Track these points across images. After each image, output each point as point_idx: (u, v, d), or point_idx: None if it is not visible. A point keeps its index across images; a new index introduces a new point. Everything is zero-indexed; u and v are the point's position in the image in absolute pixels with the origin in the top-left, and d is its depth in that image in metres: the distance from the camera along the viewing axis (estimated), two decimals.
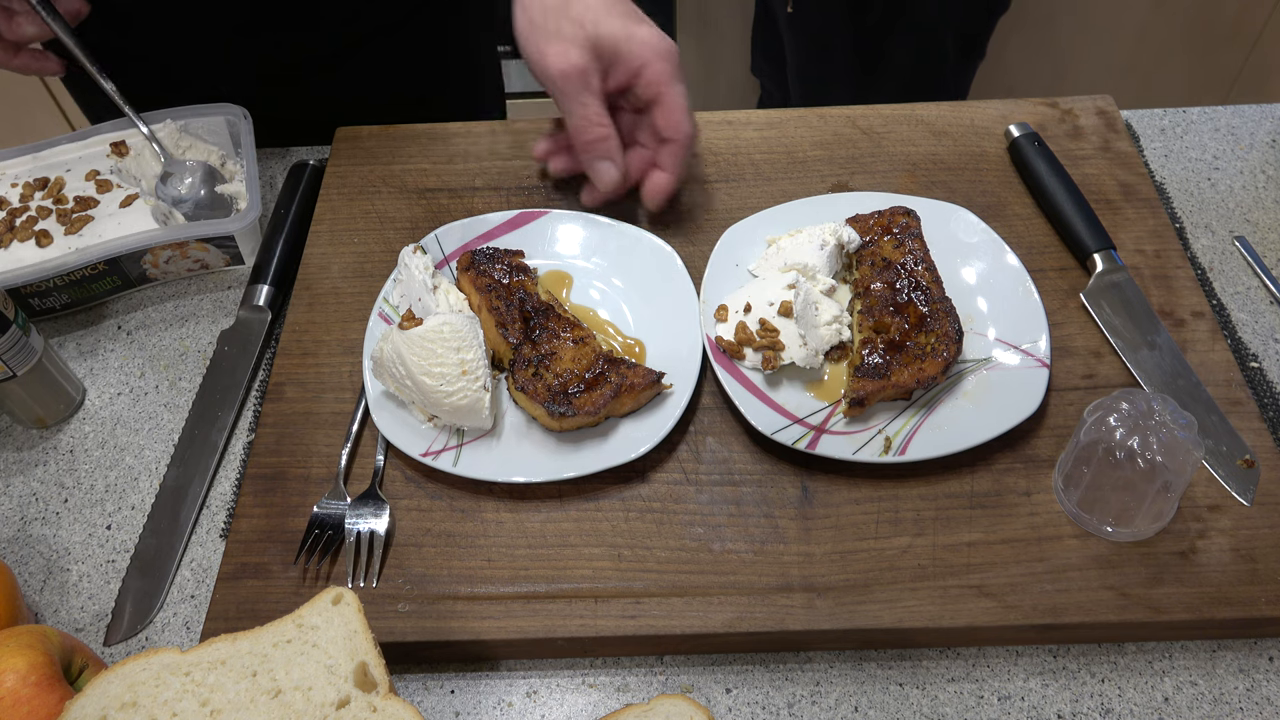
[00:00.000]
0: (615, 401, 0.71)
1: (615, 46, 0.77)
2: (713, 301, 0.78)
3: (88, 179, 0.90)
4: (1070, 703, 0.64)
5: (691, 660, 0.67)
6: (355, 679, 0.56)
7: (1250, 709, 0.63)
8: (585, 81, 0.77)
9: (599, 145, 0.80)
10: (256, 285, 0.85)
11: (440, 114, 0.99)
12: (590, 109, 0.78)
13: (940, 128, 0.93)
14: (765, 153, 0.92)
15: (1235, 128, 0.96)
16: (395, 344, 0.70)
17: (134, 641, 0.69)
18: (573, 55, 0.76)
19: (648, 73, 0.78)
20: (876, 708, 0.64)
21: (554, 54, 0.76)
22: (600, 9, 0.77)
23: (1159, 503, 0.65)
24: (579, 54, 0.76)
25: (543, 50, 0.76)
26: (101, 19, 0.90)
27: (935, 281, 0.76)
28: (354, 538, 0.69)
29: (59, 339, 0.86)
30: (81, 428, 0.80)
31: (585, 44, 0.76)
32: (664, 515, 0.70)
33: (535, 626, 0.65)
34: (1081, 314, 0.79)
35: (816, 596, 0.66)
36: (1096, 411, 0.66)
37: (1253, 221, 0.88)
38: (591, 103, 0.78)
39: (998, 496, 0.70)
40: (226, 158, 0.94)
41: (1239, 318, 0.81)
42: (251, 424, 0.80)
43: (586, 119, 0.78)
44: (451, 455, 0.71)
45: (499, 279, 0.78)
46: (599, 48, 0.77)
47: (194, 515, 0.74)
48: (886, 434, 0.71)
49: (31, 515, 0.76)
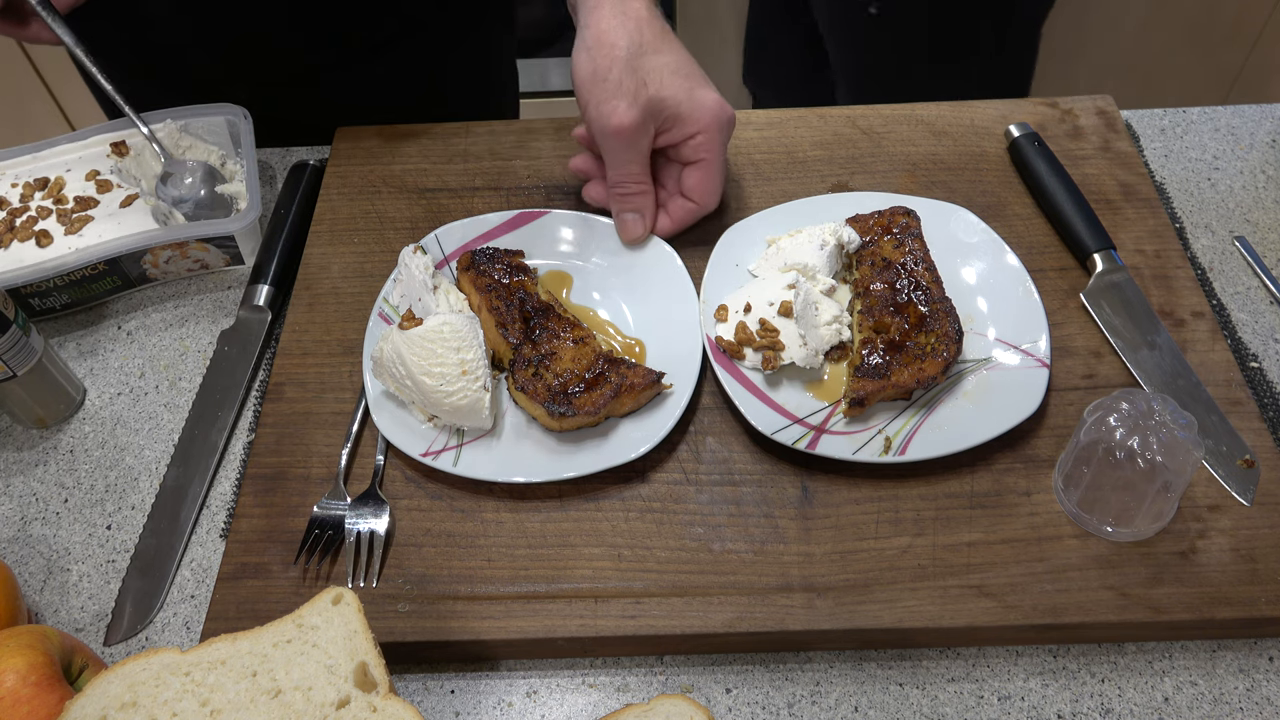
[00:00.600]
0: (615, 401, 0.71)
1: (677, 109, 0.77)
2: (713, 301, 0.78)
3: (88, 179, 0.90)
4: (1070, 703, 0.64)
5: (691, 660, 0.67)
6: (355, 679, 0.56)
7: (1250, 709, 0.63)
8: (635, 140, 0.77)
9: (633, 200, 0.81)
10: (256, 285, 0.85)
11: (458, 118, 0.98)
12: (634, 168, 0.79)
13: (940, 128, 0.93)
14: (765, 153, 0.92)
15: (1235, 128, 0.96)
16: (395, 344, 0.70)
17: (134, 641, 0.69)
18: (632, 114, 0.75)
19: (701, 138, 0.78)
20: (876, 708, 0.64)
21: (614, 112, 0.75)
22: (667, 70, 0.76)
23: (1159, 503, 0.65)
24: (637, 113, 0.76)
25: (602, 104, 0.76)
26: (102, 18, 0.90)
27: (935, 281, 0.76)
28: (354, 538, 0.69)
29: (59, 339, 0.86)
30: (81, 428, 0.80)
31: (646, 104, 0.76)
32: (664, 515, 0.70)
33: (535, 626, 0.65)
34: (1081, 314, 0.79)
35: (816, 596, 0.66)
36: (1096, 411, 0.66)
37: (1253, 221, 0.88)
38: (637, 161, 0.79)
39: (998, 496, 0.70)
40: (226, 158, 0.94)
41: (1239, 318, 0.81)
42: (251, 424, 0.80)
43: (630, 175, 0.80)
44: (451, 455, 0.71)
45: (499, 279, 0.78)
46: (659, 108, 0.77)
47: (194, 515, 0.74)
48: (886, 434, 0.71)
49: (31, 515, 0.76)
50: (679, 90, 0.77)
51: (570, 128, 0.94)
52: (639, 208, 0.81)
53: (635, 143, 0.77)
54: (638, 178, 0.80)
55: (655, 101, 0.76)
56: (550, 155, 0.93)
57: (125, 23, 0.94)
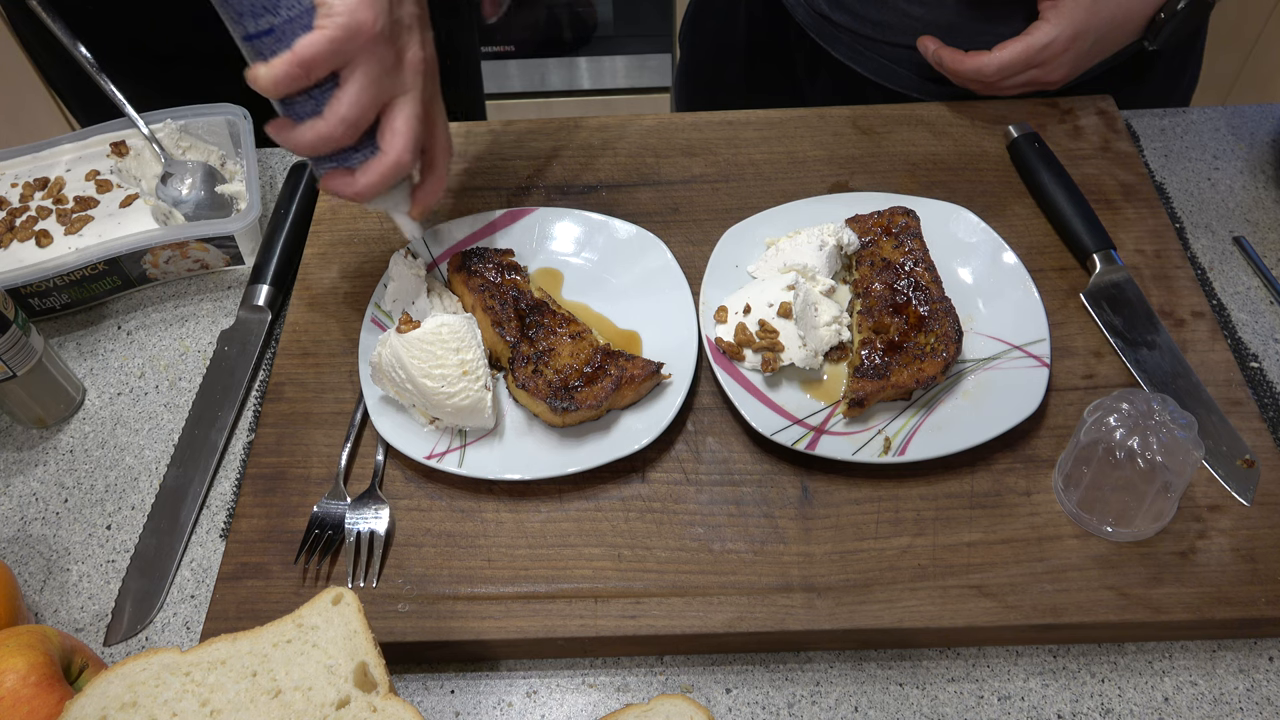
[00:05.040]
0: (616, 394, 0.71)
1: None
2: (712, 303, 0.78)
3: (88, 179, 0.90)
4: (1070, 703, 0.64)
5: (691, 660, 0.67)
6: (355, 679, 0.56)
7: (1250, 709, 0.63)
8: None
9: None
10: (256, 285, 0.85)
11: None
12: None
13: (940, 128, 0.93)
14: (765, 153, 0.92)
15: (1235, 128, 0.96)
16: (394, 348, 0.70)
17: (134, 641, 0.69)
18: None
19: None
20: (876, 708, 0.64)
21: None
22: None
23: (1159, 503, 0.65)
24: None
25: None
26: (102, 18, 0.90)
27: (935, 281, 0.76)
28: (354, 538, 0.69)
29: (59, 339, 0.86)
30: (81, 428, 0.80)
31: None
32: (664, 515, 0.70)
33: (535, 626, 0.65)
34: (1081, 314, 0.79)
35: (816, 596, 0.66)
36: (1096, 411, 0.66)
37: (1253, 221, 0.88)
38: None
39: (998, 496, 0.70)
40: (226, 158, 0.94)
41: (1239, 318, 0.81)
42: (251, 424, 0.80)
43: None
44: (456, 456, 0.71)
45: (491, 279, 0.78)
46: None
47: (194, 515, 0.74)
48: (886, 434, 0.71)
49: (31, 515, 0.76)
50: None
51: (571, 127, 0.95)
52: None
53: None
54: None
55: None
56: (550, 155, 0.93)
57: (125, 22, 0.94)
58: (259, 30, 0.63)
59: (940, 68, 0.90)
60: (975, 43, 0.87)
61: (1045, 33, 0.83)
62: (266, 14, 0.62)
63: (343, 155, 0.68)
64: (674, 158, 0.92)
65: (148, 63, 0.99)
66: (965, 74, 0.87)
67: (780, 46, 1.08)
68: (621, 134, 0.94)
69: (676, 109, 1.34)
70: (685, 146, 0.93)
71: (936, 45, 0.89)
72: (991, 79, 0.86)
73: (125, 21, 0.94)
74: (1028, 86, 0.88)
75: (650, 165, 0.91)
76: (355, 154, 0.68)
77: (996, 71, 0.85)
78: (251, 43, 0.64)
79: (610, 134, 0.94)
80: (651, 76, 2.25)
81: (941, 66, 0.89)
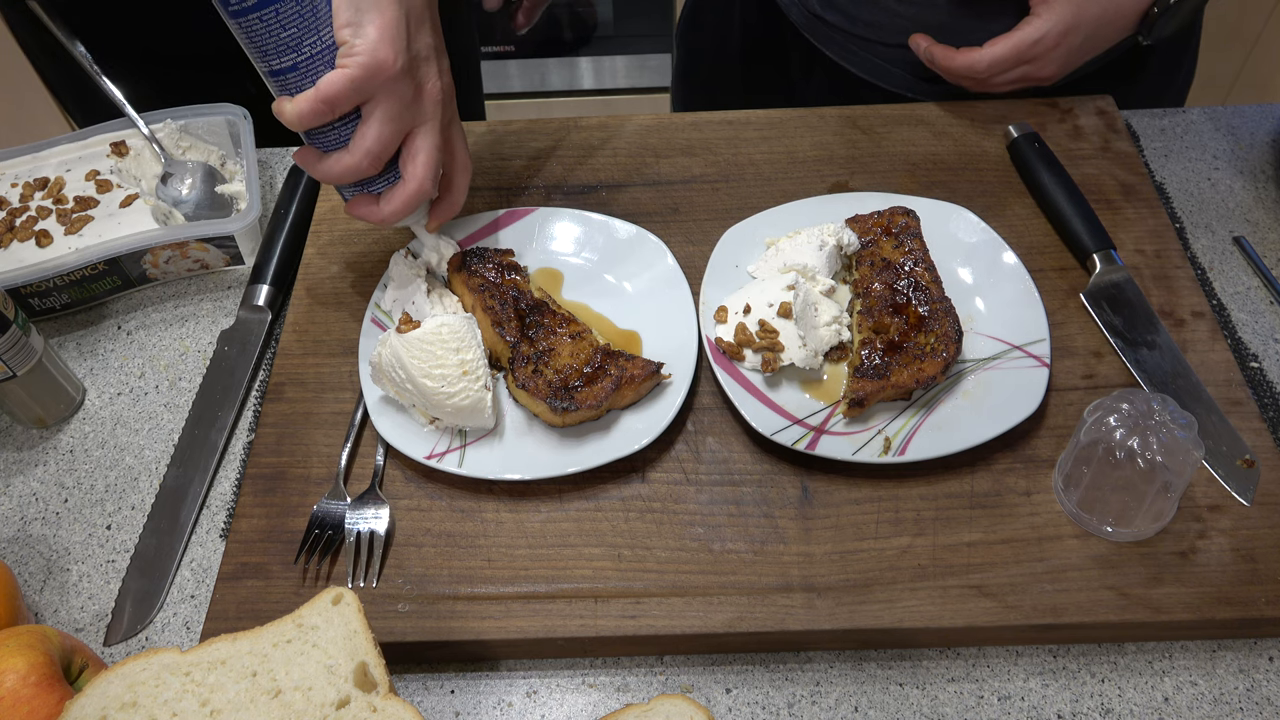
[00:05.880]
0: (616, 394, 0.71)
1: None
2: (712, 303, 0.78)
3: (88, 179, 0.90)
4: (1070, 703, 0.64)
5: (691, 660, 0.67)
6: (355, 679, 0.56)
7: (1250, 709, 0.63)
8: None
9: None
10: (256, 285, 0.85)
11: None
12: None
13: (940, 128, 0.93)
14: (765, 153, 0.92)
15: (1235, 128, 0.96)
16: (394, 348, 0.70)
17: (134, 641, 0.69)
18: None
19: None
20: (876, 708, 0.64)
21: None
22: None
23: (1159, 503, 0.65)
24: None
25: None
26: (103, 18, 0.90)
27: (935, 281, 0.76)
28: (354, 538, 0.69)
29: (59, 339, 0.86)
30: (81, 428, 0.80)
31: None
32: (664, 515, 0.70)
33: (535, 626, 0.65)
34: (1081, 314, 0.79)
35: (816, 596, 0.66)
36: (1096, 411, 0.66)
37: (1253, 221, 0.88)
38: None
39: (998, 496, 0.70)
40: (226, 158, 0.94)
41: (1239, 318, 0.81)
42: (251, 424, 0.80)
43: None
44: (456, 456, 0.71)
45: (491, 279, 0.78)
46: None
47: (194, 515, 0.74)
48: (886, 434, 0.71)
49: (31, 515, 0.76)
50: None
51: (570, 127, 0.95)
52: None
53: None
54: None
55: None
56: (550, 155, 0.93)
57: (125, 23, 0.94)
58: (283, 66, 0.65)
59: (932, 65, 0.90)
60: (967, 41, 0.87)
61: (1036, 28, 0.83)
62: (290, 51, 0.64)
63: (367, 182, 0.72)
64: (674, 157, 0.92)
65: (147, 63, 0.99)
66: (957, 70, 0.87)
67: (775, 47, 1.08)
68: (621, 134, 0.94)
69: (674, 110, 1.34)
70: (685, 146, 0.93)
71: (928, 42, 0.89)
72: (983, 75, 0.86)
73: (125, 22, 0.94)
74: (1020, 83, 0.88)
75: (650, 165, 0.91)
76: (379, 181, 0.72)
77: (988, 67, 0.85)
78: (276, 77, 0.66)
79: (610, 134, 0.94)
80: (651, 76, 2.25)
81: (933, 63, 0.89)
